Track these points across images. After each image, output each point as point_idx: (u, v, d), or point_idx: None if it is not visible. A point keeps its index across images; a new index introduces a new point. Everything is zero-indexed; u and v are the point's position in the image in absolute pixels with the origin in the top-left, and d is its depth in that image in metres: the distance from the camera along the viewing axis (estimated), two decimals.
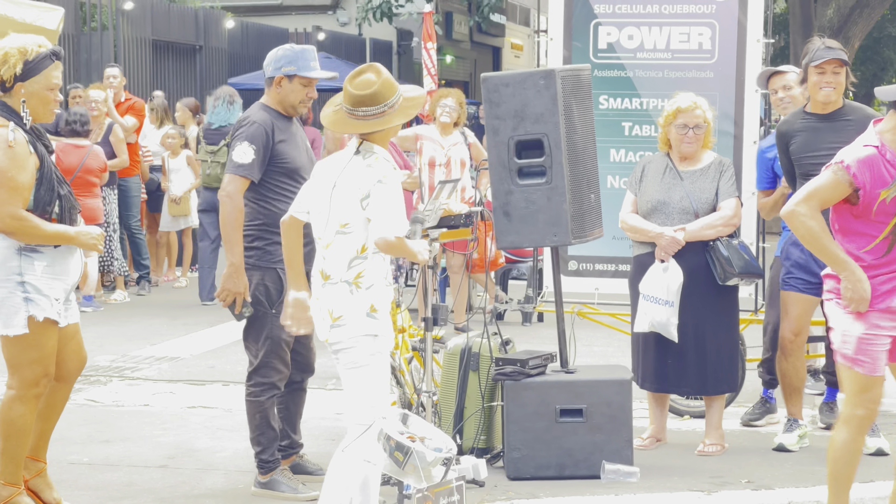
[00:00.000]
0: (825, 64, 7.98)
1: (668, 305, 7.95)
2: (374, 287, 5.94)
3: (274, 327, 7.11)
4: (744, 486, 7.41)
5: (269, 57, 7.29)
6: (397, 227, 5.87)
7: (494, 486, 7.32)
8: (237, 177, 7.07)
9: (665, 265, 8.00)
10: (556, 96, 7.60)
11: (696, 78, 9.62)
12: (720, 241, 8.00)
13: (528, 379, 7.57)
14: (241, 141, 7.08)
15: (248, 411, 7.26)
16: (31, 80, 6.45)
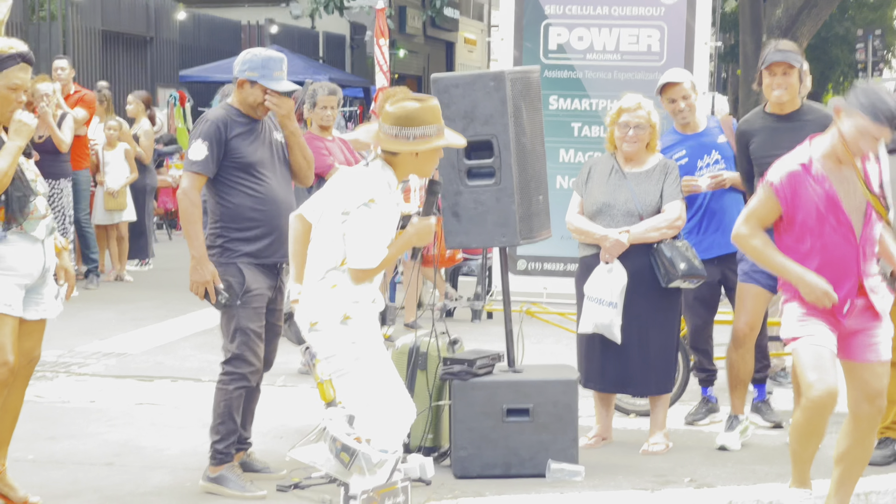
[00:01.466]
0: (774, 66, 8.08)
1: (611, 307, 8.01)
2: (347, 295, 5.99)
3: (241, 319, 7.18)
4: (686, 485, 7.47)
5: (238, 58, 7.41)
6: (370, 258, 5.93)
7: (441, 485, 7.36)
8: (191, 173, 7.20)
9: (609, 267, 8.05)
10: (505, 98, 7.63)
11: (644, 80, 9.71)
12: (664, 243, 8.03)
13: (475, 378, 7.60)
14: (195, 138, 7.23)
15: (215, 398, 7.29)
16: None
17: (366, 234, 5.94)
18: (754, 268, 8.16)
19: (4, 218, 6.56)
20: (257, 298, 7.22)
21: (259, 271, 7.17)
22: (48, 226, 6.78)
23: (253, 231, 7.20)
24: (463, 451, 7.58)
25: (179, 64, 28.34)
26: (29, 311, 6.76)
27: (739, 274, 8.39)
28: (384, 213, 5.98)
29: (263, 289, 7.22)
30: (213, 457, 7.27)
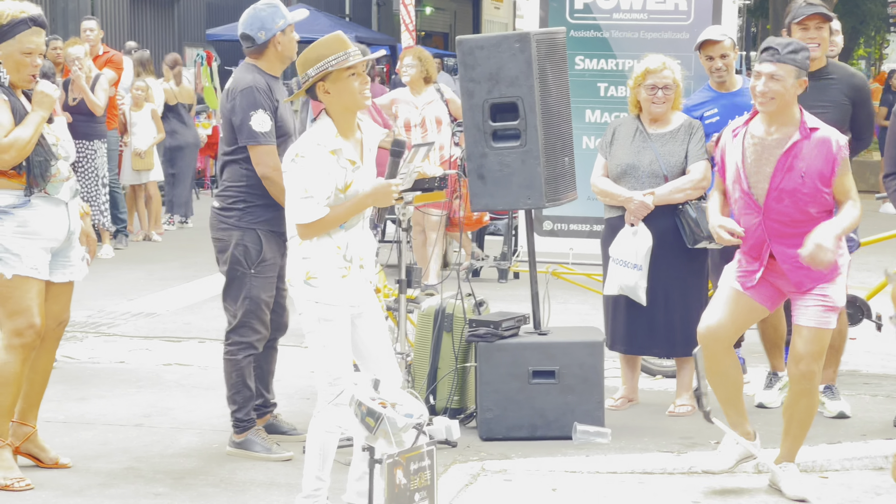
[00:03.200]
0: (807, 20, 8.00)
1: (636, 269, 7.99)
2: (311, 259, 5.90)
3: (253, 287, 7.16)
4: (713, 447, 7.43)
5: (250, 19, 7.18)
6: (303, 213, 5.83)
7: (467, 447, 7.38)
8: (267, 146, 7.03)
9: (634, 229, 8.03)
10: (530, 60, 7.61)
11: (672, 39, 9.65)
12: (689, 204, 7.99)
13: (501, 340, 7.62)
14: (253, 109, 7.02)
15: (225, 370, 7.31)
16: (5, 44, 6.56)
17: (295, 188, 5.84)
18: None
19: (26, 182, 6.60)
20: (270, 268, 7.17)
21: (273, 239, 7.10)
22: (72, 188, 6.83)
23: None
24: (488, 413, 7.60)
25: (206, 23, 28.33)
26: (56, 274, 6.81)
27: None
28: (313, 166, 5.82)
29: (277, 257, 7.15)
30: (235, 425, 7.31)
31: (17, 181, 6.61)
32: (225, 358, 7.30)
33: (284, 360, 8.54)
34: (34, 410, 6.98)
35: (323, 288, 5.88)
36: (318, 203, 5.82)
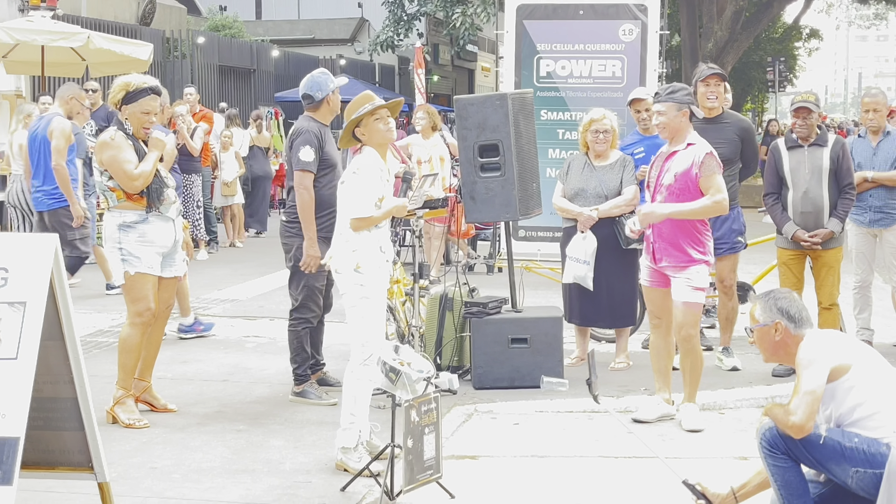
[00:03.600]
0: (708, 78, 7.97)
1: (585, 264, 7.97)
2: (359, 251, 5.86)
3: (309, 278, 7.12)
4: (642, 393, 7.45)
5: (310, 83, 7.13)
6: (354, 210, 5.81)
7: (464, 394, 7.37)
8: (306, 172, 6.97)
9: (583, 235, 8.00)
10: (507, 113, 7.58)
11: (610, 97, 9.64)
12: (623, 216, 7.96)
13: (488, 316, 7.60)
14: (304, 145, 6.97)
15: (289, 338, 7.27)
16: (132, 105, 6.63)
17: (353, 193, 5.82)
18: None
19: (147, 204, 6.60)
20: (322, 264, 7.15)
21: (324, 243, 7.05)
22: (178, 208, 6.85)
23: (325, 212, 7.07)
24: (480, 369, 7.57)
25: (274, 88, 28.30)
26: (166, 271, 6.82)
27: None
28: (368, 178, 5.80)
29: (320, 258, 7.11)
30: (295, 379, 7.28)
31: (139, 203, 6.63)
32: (289, 330, 7.27)
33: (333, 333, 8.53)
34: (150, 370, 6.98)
35: (367, 274, 5.86)
36: (368, 204, 5.82)
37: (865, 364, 4.44)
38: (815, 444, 4.37)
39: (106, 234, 6.69)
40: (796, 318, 4.59)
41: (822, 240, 7.87)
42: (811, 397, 4.32)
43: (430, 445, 5.34)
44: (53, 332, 4.68)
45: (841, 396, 4.39)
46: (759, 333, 4.64)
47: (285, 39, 34.32)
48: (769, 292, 4.73)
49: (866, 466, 4.31)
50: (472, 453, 6.29)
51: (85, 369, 4.84)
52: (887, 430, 4.33)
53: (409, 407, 5.21)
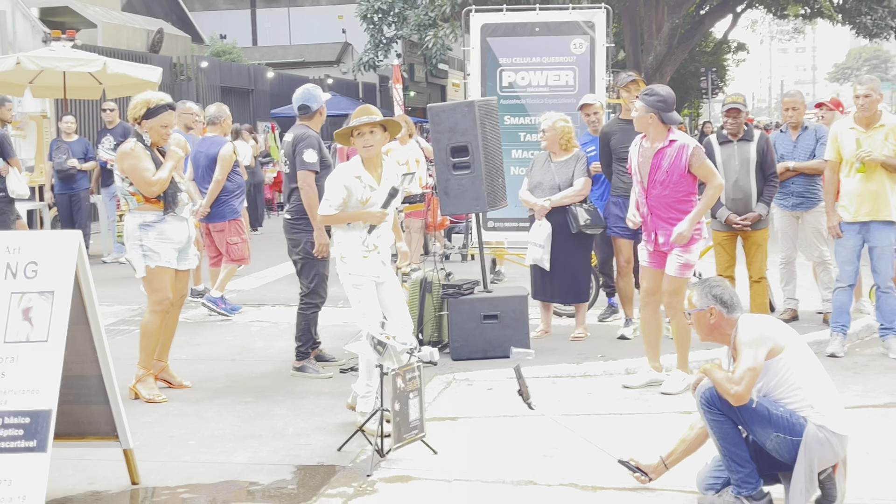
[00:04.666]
0: (629, 84, 7.96)
1: (541, 248, 7.98)
2: (342, 242, 5.87)
3: (320, 268, 7.10)
4: (598, 359, 7.48)
5: (307, 95, 7.10)
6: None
7: (444, 365, 7.36)
8: (310, 172, 6.96)
9: (540, 222, 8.02)
10: (475, 118, 7.57)
11: (564, 103, 9.61)
12: (573, 205, 7.96)
13: (463, 297, 7.60)
14: (307, 148, 6.96)
15: (298, 320, 7.22)
16: (152, 119, 6.58)
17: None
18: (616, 224, 8.08)
19: (164, 206, 6.57)
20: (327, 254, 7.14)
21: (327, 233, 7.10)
22: (190, 209, 6.83)
23: None
24: (456, 343, 7.57)
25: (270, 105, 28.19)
26: (181, 265, 6.79)
27: (608, 230, 8.21)
28: (335, 182, 5.80)
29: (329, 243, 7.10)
30: (297, 355, 7.26)
31: (157, 206, 6.59)
32: (299, 312, 7.22)
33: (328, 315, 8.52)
34: (167, 351, 6.95)
35: (351, 264, 5.86)
36: (330, 205, 5.82)
37: (795, 348, 4.50)
38: (748, 407, 4.42)
39: (127, 232, 6.63)
40: (729, 304, 4.61)
41: (752, 222, 7.93)
42: (752, 373, 4.36)
43: (415, 408, 5.34)
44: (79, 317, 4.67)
45: (773, 373, 4.44)
46: (696, 317, 4.67)
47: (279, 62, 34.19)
48: (705, 280, 4.76)
49: (786, 433, 4.37)
50: (451, 415, 6.30)
51: (108, 350, 4.82)
52: (805, 405, 4.40)
53: (396, 375, 5.21)
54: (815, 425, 4.37)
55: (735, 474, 4.49)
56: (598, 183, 8.62)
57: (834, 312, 7.74)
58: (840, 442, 4.40)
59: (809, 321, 8.55)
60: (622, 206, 7.99)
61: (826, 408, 4.42)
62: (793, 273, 8.78)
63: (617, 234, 8.13)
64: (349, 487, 4.97)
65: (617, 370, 7.28)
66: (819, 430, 4.36)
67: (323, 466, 5.29)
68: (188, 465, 5.31)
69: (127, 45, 23.43)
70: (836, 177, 7.65)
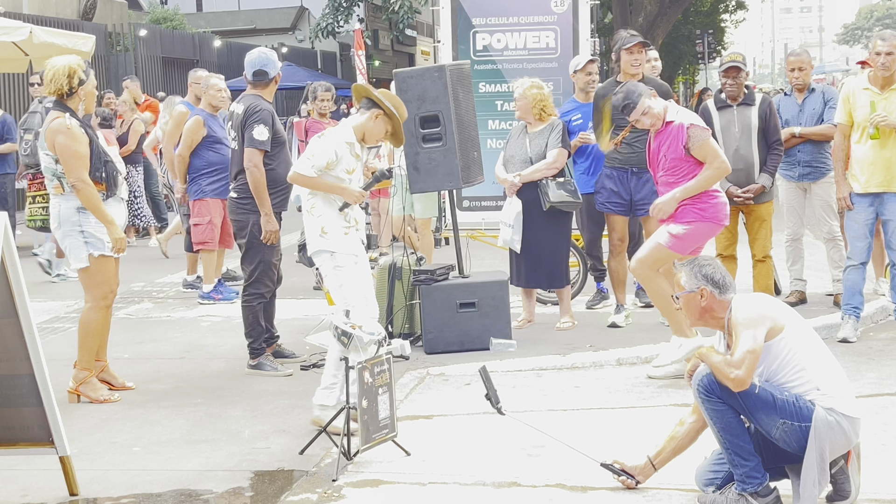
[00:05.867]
0: (633, 47, 8.00)
1: (510, 227, 8.02)
2: (323, 216, 5.90)
3: (265, 254, 7.08)
4: (588, 350, 7.53)
5: (264, 59, 7.09)
6: (300, 166, 5.87)
7: (416, 359, 7.38)
8: (259, 150, 6.95)
9: (510, 199, 8.05)
10: (446, 84, 7.58)
11: (545, 68, 9.65)
12: (544, 180, 7.95)
13: (436, 283, 7.61)
14: (258, 124, 6.94)
15: (244, 314, 7.22)
16: (86, 85, 6.53)
17: (309, 152, 5.89)
18: (609, 199, 8.12)
19: (106, 188, 6.54)
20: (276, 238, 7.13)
21: (277, 217, 7.08)
22: (126, 189, 6.83)
23: (280, 188, 7.04)
24: (430, 335, 7.59)
25: None
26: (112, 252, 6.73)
27: (597, 204, 8.28)
28: (326, 145, 5.85)
29: (279, 231, 7.11)
30: (250, 352, 7.25)
31: (99, 187, 6.55)
32: (243, 305, 7.23)
33: (286, 308, 8.52)
34: (104, 350, 6.90)
35: (333, 239, 5.88)
36: (313, 166, 5.85)
37: (795, 327, 4.54)
38: (750, 393, 4.45)
39: (62, 217, 6.50)
40: (721, 284, 4.65)
41: (754, 195, 7.98)
42: (753, 356, 4.40)
43: (385, 405, 5.35)
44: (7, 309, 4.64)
45: (774, 355, 4.48)
46: (686, 300, 4.70)
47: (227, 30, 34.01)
48: (693, 260, 4.79)
49: (793, 419, 4.41)
50: (425, 413, 6.32)
51: (41, 346, 4.79)
52: (811, 387, 4.44)
53: (363, 369, 5.21)
54: (824, 408, 4.42)
55: (739, 468, 4.53)
56: (584, 155, 8.64)
57: (845, 293, 7.82)
58: (852, 426, 4.46)
59: (819, 304, 8.64)
60: (617, 180, 8.04)
61: (834, 389, 4.48)
62: (800, 251, 8.85)
63: (610, 209, 8.16)
64: (313, 494, 4.99)
65: (608, 361, 7.32)
66: (828, 413, 4.41)
67: (283, 471, 5.30)
68: (133, 474, 5.30)
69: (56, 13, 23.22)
70: (847, 143, 7.70)
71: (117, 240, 6.52)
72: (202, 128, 9.67)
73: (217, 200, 9.70)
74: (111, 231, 6.50)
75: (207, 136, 9.67)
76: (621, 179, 8.05)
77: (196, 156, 9.70)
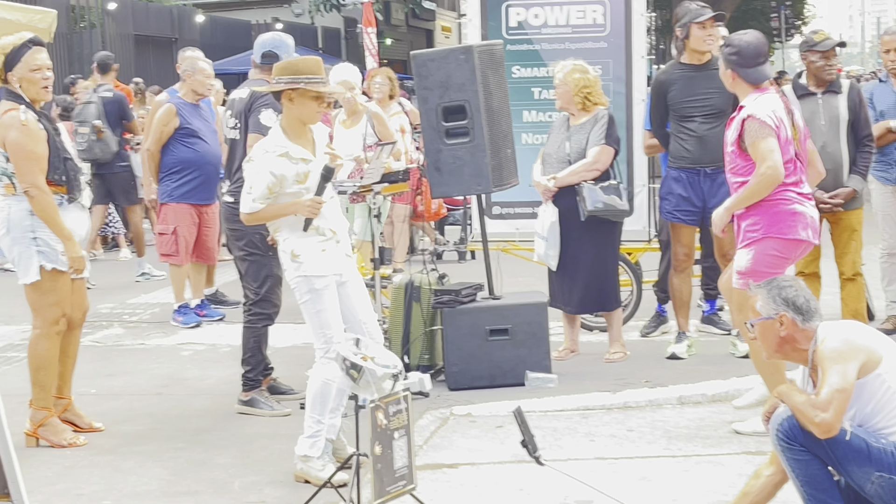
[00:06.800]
0: (707, 21, 8.00)
1: (544, 240, 8.04)
2: (289, 239, 5.92)
3: (273, 267, 7.12)
4: (643, 386, 7.53)
5: (278, 41, 7.25)
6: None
7: (438, 396, 7.40)
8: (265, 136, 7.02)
9: (545, 206, 8.08)
10: (474, 68, 7.62)
11: (592, 48, 9.63)
12: (583, 184, 7.94)
13: (461, 306, 7.63)
14: (265, 108, 7.00)
15: (245, 336, 7.25)
16: (16, 69, 6.53)
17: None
18: (677, 206, 8.11)
19: (67, 191, 6.59)
20: None
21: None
22: (89, 195, 6.89)
23: None
24: (454, 367, 7.61)
25: None
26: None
27: (663, 212, 8.31)
28: (258, 168, 5.85)
29: None
30: (244, 384, 7.28)
31: (58, 189, 6.60)
32: (246, 326, 7.24)
33: (282, 334, 8.55)
34: (68, 385, 6.96)
35: (307, 262, 5.87)
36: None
37: (894, 360, 4.51)
38: (840, 441, 4.44)
39: (12, 221, 6.55)
40: (804, 310, 4.63)
41: (844, 200, 7.94)
42: (843, 395, 4.39)
43: (402, 452, 5.36)
44: None
45: (868, 394, 4.47)
46: (762, 328, 4.69)
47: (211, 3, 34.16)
48: (772, 280, 4.78)
49: (892, 472, 4.40)
50: (449, 461, 6.33)
51: None
52: None
53: (375, 408, 5.22)
54: None
55: None
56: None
57: None
58: None
59: None
60: (685, 183, 8.01)
61: None
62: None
63: (677, 218, 8.15)
64: None
65: (667, 399, 7.33)
66: None
67: None
68: None
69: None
70: None
71: (74, 259, 6.55)
72: (174, 118, 9.74)
73: (185, 206, 9.76)
74: (68, 248, 6.53)
75: (180, 127, 9.73)
76: (691, 182, 8.01)
77: (166, 151, 9.77)
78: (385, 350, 5.58)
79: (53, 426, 6.71)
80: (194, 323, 9.94)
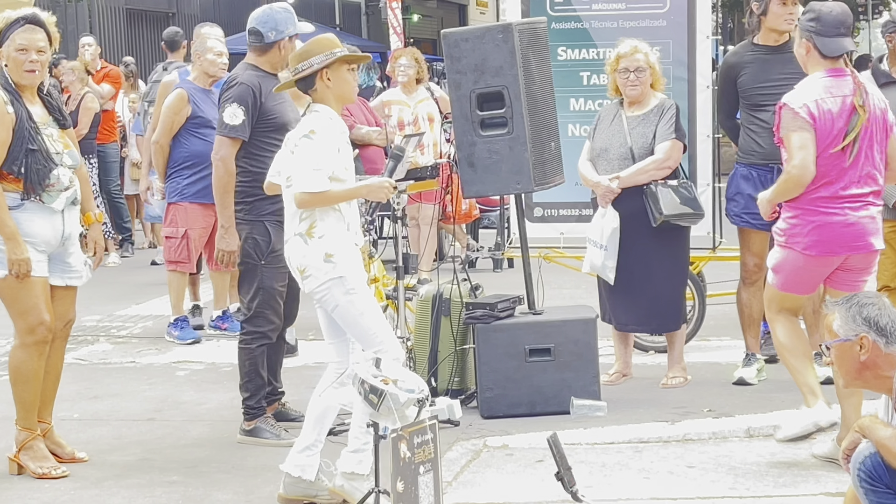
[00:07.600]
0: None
1: (602, 249, 8.02)
2: (326, 237, 5.98)
3: (265, 278, 7.17)
4: (706, 415, 7.51)
5: (266, 19, 7.26)
6: (309, 183, 5.90)
7: (469, 426, 7.41)
8: (229, 139, 7.10)
9: (603, 211, 8.05)
10: (514, 49, 7.63)
11: (649, 27, 9.61)
12: (654, 184, 7.96)
13: (497, 321, 7.64)
14: (230, 103, 7.09)
15: (239, 359, 7.31)
16: (4, 46, 6.63)
17: (308, 160, 5.93)
18: (747, 208, 8.09)
19: (23, 188, 6.62)
20: (280, 258, 7.16)
21: (280, 229, 7.06)
22: (69, 198, 6.80)
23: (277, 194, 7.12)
24: (488, 392, 7.62)
25: None
26: (55, 278, 6.84)
27: (731, 216, 8.31)
28: (326, 142, 5.93)
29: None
30: (245, 412, 7.32)
31: (14, 185, 6.63)
32: (239, 347, 7.31)
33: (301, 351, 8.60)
34: (49, 408, 7.01)
35: (343, 263, 5.96)
36: (325, 176, 5.90)
37: None
38: None
39: None
40: (888, 332, 4.62)
41: None
42: None
43: (427, 489, 5.38)
44: None
45: None
46: (839, 351, 4.68)
47: None
48: (851, 297, 4.77)
49: None
50: (482, 500, 6.34)
51: None
52: None
53: (398, 439, 5.24)
54: None
55: None
56: None
57: None
58: None
59: None
60: (757, 181, 7.99)
61: None
62: None
63: (746, 222, 8.14)
64: None
65: (733, 431, 7.31)
66: None
67: None
68: None
69: None
70: None
71: (14, 261, 6.53)
72: (186, 105, 9.78)
73: (197, 206, 9.80)
74: (9, 248, 6.54)
75: (193, 116, 9.78)
76: (763, 181, 7.99)
77: (175, 144, 9.82)
78: (409, 372, 5.62)
79: (34, 451, 6.75)
80: (192, 339, 9.99)
